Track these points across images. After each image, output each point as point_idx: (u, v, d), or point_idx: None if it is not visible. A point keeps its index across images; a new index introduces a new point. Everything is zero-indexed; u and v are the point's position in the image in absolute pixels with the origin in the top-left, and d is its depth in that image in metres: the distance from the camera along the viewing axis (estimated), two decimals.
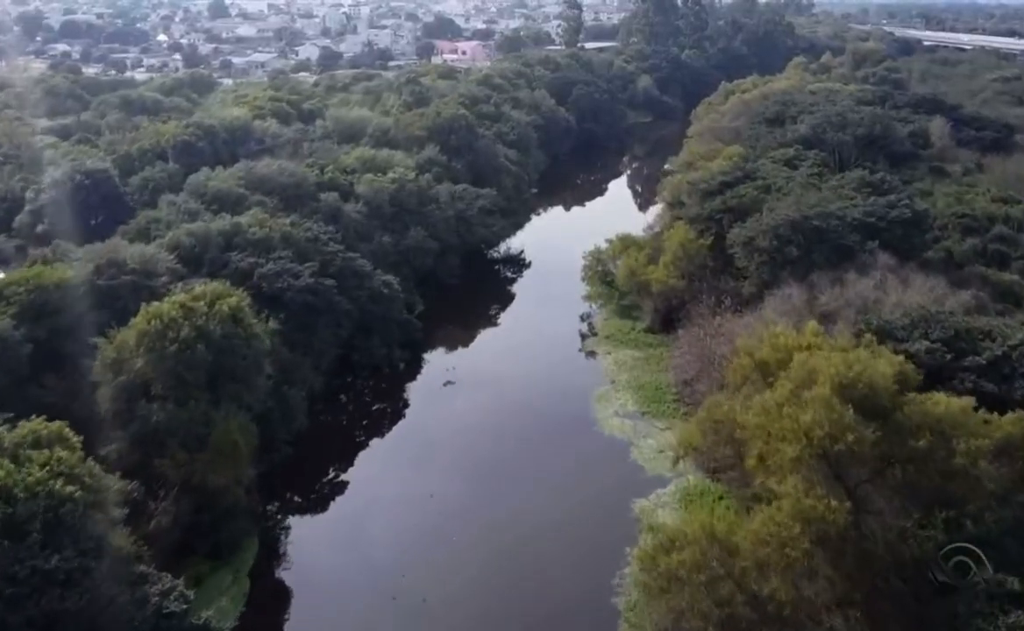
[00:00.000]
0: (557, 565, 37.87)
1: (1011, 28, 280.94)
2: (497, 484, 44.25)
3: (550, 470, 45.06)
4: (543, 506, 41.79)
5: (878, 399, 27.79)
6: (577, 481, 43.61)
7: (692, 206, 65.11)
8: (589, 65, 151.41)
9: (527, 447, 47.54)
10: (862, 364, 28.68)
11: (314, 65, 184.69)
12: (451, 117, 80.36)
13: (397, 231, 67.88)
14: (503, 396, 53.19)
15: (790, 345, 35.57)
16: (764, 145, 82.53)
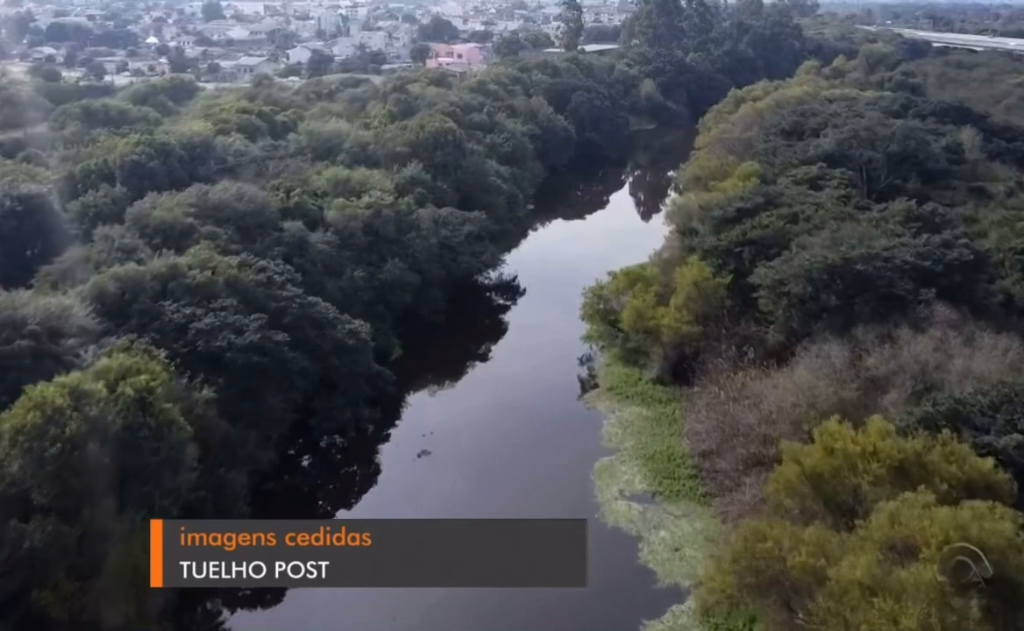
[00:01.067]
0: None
1: (1021, 29, 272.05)
2: (475, 603, 35.67)
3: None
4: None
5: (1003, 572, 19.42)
6: (575, 601, 35.12)
7: (706, 237, 56.60)
8: (589, 69, 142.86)
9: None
10: (976, 523, 20.26)
11: (304, 69, 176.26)
12: (437, 131, 71.89)
13: (372, 263, 59.46)
14: (487, 472, 44.66)
15: (850, 451, 27.17)
16: (783, 162, 74.10)
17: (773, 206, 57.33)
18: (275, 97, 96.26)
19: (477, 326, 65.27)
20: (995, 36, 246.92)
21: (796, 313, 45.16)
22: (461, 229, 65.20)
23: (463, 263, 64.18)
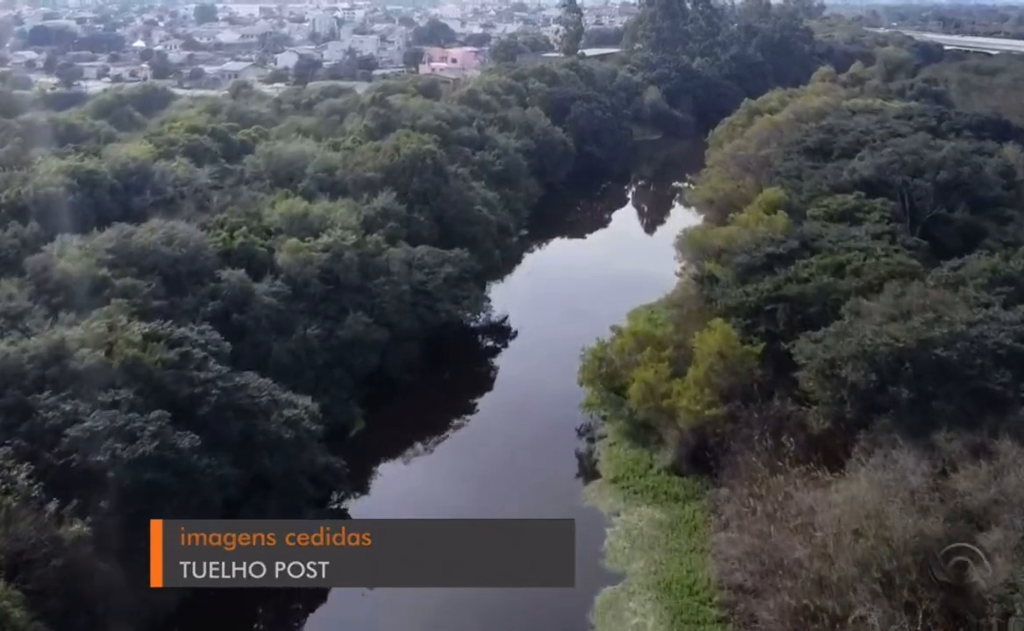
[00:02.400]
0: None
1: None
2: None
3: None
4: None
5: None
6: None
7: (730, 289, 46.35)
8: (590, 76, 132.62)
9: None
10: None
11: (290, 75, 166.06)
12: (414, 154, 61.77)
13: (331, 317, 49.39)
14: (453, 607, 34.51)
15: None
16: (811, 188, 63.99)
17: (809, 251, 47.20)
18: (241, 111, 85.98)
19: (458, 384, 55.14)
20: (1008, 39, 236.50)
21: (852, 401, 35.03)
22: (439, 271, 55.09)
23: (441, 311, 54.05)
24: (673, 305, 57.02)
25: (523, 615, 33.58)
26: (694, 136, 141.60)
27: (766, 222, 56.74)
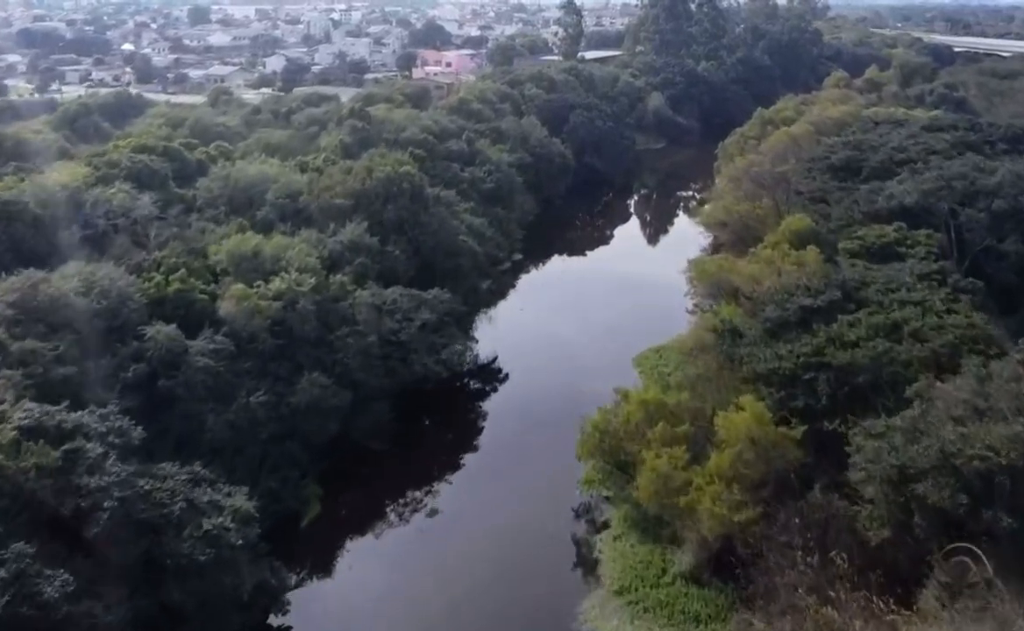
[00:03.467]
0: None
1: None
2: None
3: None
4: None
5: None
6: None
7: (757, 348, 38.07)
8: (590, 81, 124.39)
9: None
10: None
11: (278, 79, 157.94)
12: (388, 177, 53.60)
13: (282, 378, 41.33)
14: None
15: None
16: (842, 215, 55.87)
17: (854, 303, 39.01)
18: (205, 124, 77.67)
19: (435, 450, 47.00)
20: (1019, 40, 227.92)
21: (927, 520, 26.90)
22: (415, 318, 46.97)
23: (417, 365, 45.86)
24: (686, 354, 48.86)
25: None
26: (699, 144, 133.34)
27: (793, 258, 48.62)
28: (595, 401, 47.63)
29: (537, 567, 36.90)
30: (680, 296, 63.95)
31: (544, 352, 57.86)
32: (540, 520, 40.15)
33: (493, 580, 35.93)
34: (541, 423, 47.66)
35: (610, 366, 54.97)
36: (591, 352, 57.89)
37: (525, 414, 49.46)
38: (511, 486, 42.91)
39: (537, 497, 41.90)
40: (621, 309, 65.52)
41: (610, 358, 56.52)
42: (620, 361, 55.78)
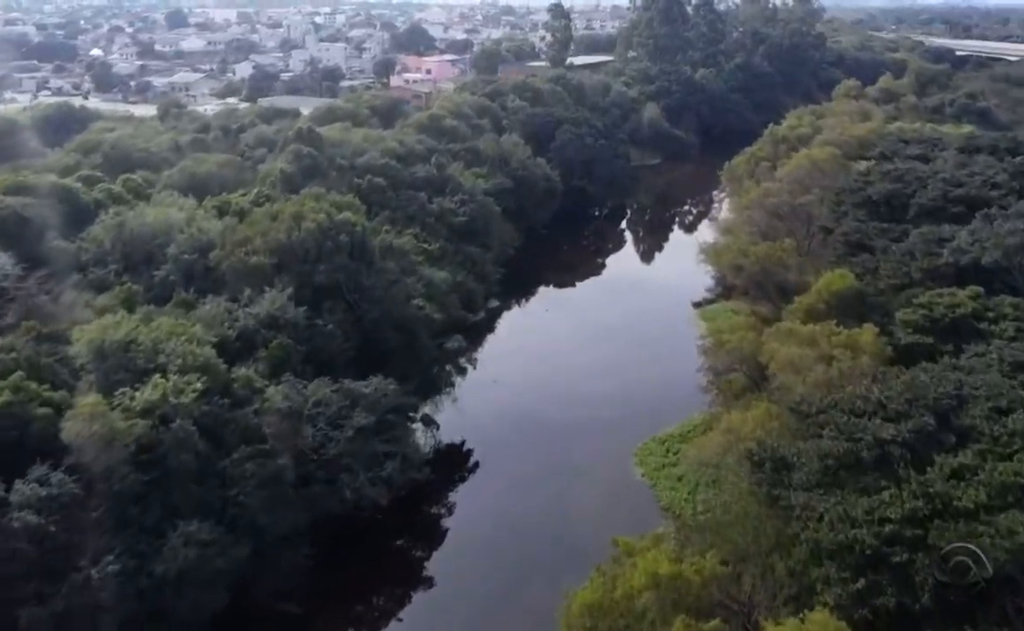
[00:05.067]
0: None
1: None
2: None
3: None
4: None
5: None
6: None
7: (818, 506, 26.12)
8: (579, 91, 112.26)
9: None
10: None
11: (245, 88, 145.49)
12: (321, 228, 41.48)
13: (147, 530, 29.24)
14: None
15: None
16: (894, 272, 44.11)
17: (952, 432, 27.13)
18: (125, 149, 65.17)
19: (369, 608, 35.06)
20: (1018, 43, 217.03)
21: None
22: (346, 423, 34.93)
23: (347, 490, 33.79)
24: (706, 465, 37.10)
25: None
26: (699, 159, 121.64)
27: (844, 339, 36.82)
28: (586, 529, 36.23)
29: None
30: (687, 351, 52.32)
31: (522, 442, 45.91)
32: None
33: None
34: (513, 565, 35.75)
35: (604, 465, 43.21)
36: (580, 439, 46.01)
37: (493, 549, 37.50)
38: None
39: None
40: (615, 371, 53.64)
41: (604, 449, 44.71)
42: (617, 453, 44.01)
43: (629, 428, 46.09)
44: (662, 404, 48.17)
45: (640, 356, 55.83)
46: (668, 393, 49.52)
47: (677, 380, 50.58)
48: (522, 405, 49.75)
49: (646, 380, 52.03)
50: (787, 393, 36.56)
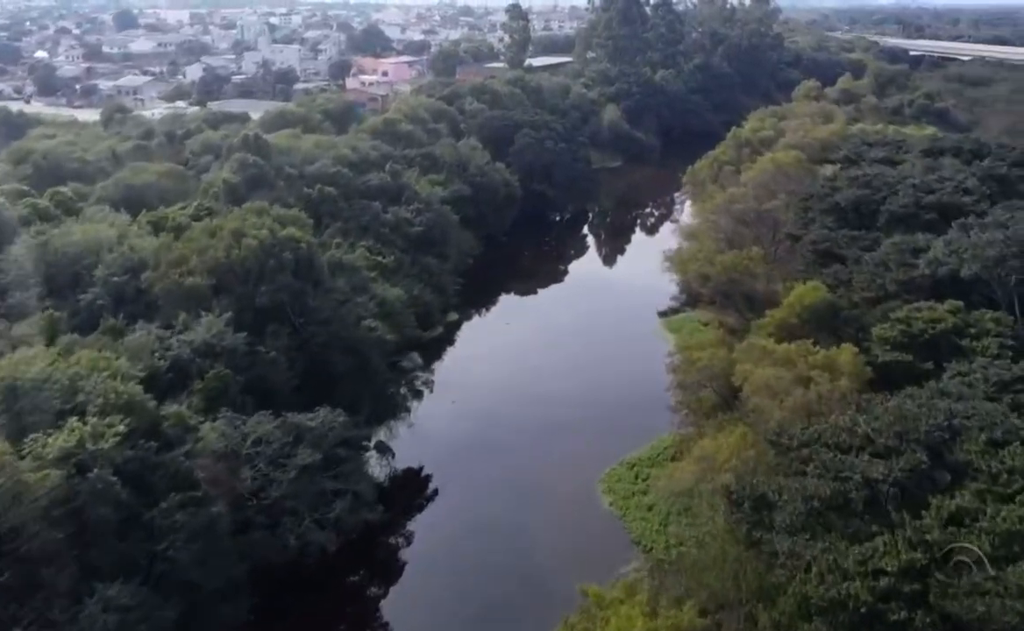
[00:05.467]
0: None
1: (997, 36, 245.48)
2: None
3: None
4: None
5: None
6: None
7: (806, 553, 23.78)
8: (539, 93, 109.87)
9: None
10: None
11: (195, 91, 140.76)
12: (263, 246, 38.35)
13: (61, 595, 25.94)
14: None
15: None
16: (868, 284, 42.20)
17: (946, 468, 24.99)
18: (58, 159, 61.16)
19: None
20: (973, 43, 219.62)
21: None
22: (289, 462, 31.90)
23: (290, 536, 30.80)
24: (678, 495, 34.74)
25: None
26: (659, 161, 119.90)
27: (822, 359, 34.66)
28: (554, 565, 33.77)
29: None
30: (654, 366, 50.07)
31: (483, 468, 43.19)
32: None
33: None
34: (477, 609, 33.02)
35: (570, 493, 40.63)
36: (544, 463, 43.41)
37: (454, 590, 34.66)
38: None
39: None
40: (580, 389, 51.10)
41: (569, 474, 42.12)
42: (584, 479, 41.45)
43: (596, 450, 43.59)
44: (630, 424, 45.75)
45: (606, 372, 53.36)
46: (636, 412, 47.10)
47: (645, 398, 48.21)
48: (483, 427, 47.01)
49: (612, 398, 49.58)
50: (762, 416, 34.43)
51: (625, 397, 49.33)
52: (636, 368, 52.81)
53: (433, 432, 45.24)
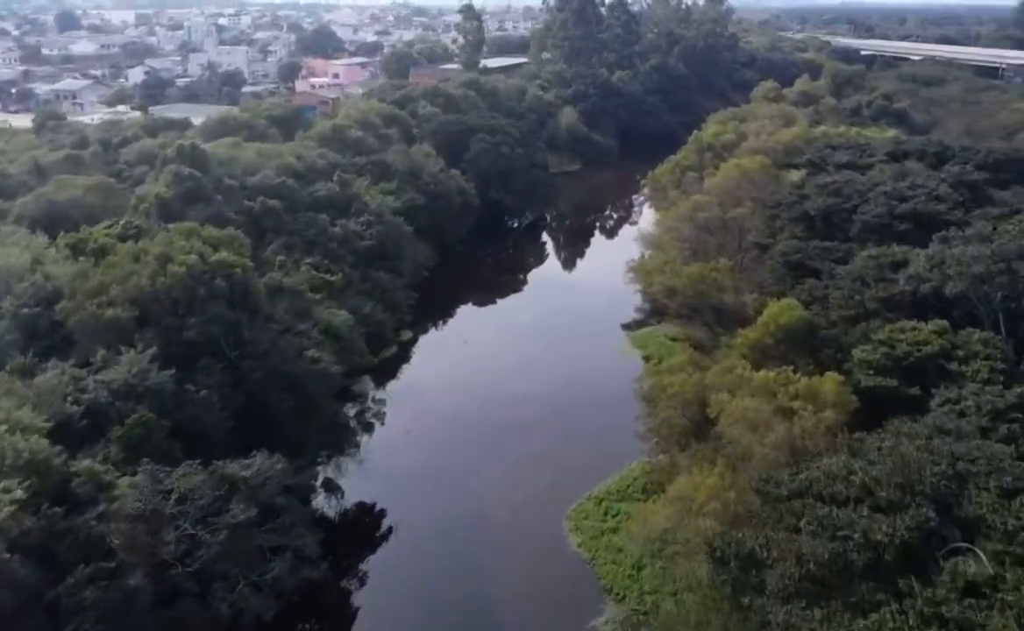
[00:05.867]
0: None
1: (945, 35, 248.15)
2: None
3: None
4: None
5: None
6: None
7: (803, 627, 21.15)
8: (494, 95, 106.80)
9: None
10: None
11: (136, 96, 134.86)
12: (192, 272, 34.57)
13: None
14: None
15: None
16: (844, 302, 39.74)
17: (956, 524, 22.37)
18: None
19: None
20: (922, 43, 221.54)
21: None
22: (219, 521, 28.27)
23: (221, 603, 27.21)
24: (652, 540, 31.81)
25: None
26: (618, 164, 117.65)
27: (804, 388, 32.00)
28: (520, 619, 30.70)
29: None
30: (619, 385, 47.56)
31: (440, 503, 39.90)
32: None
33: None
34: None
35: (535, 532, 37.55)
36: (506, 497, 40.28)
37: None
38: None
39: None
40: (543, 413, 48.04)
41: (533, 511, 39.04)
42: (549, 515, 38.40)
43: (561, 481, 40.60)
44: (597, 452, 42.83)
45: (570, 395, 50.32)
46: (603, 439, 44.16)
47: (612, 423, 45.33)
48: (440, 457, 43.70)
49: (578, 423, 46.63)
50: (740, 449, 31.72)
51: (591, 422, 46.41)
52: (602, 390, 49.95)
53: (386, 465, 41.79)
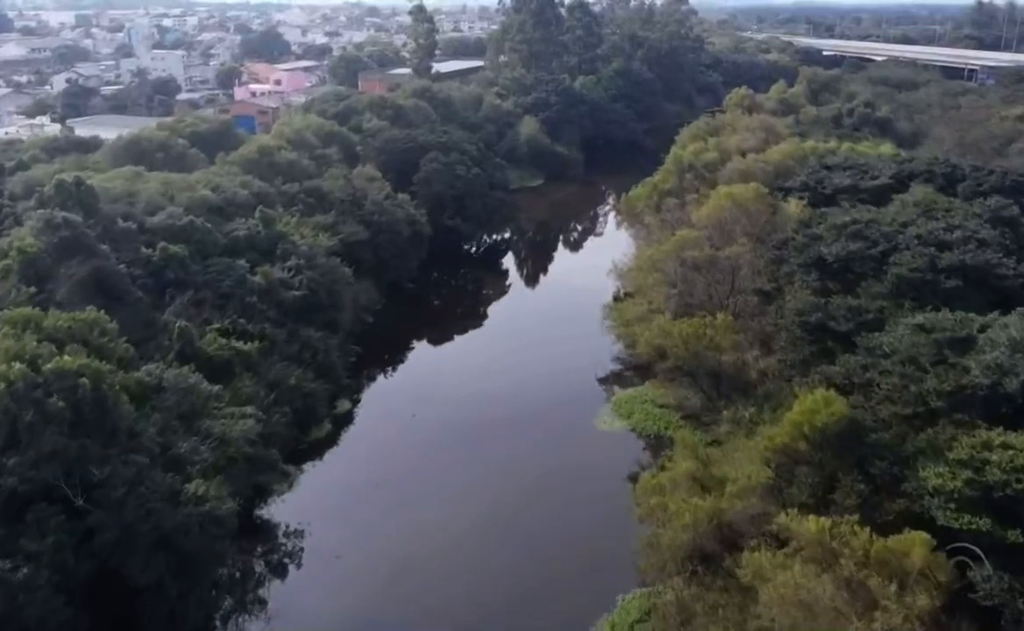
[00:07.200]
0: None
1: (905, 35, 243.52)
2: None
3: None
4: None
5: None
6: None
7: None
8: (448, 105, 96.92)
9: None
10: None
11: (58, 106, 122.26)
12: (9, 399, 24.23)
13: None
14: None
15: None
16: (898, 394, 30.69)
17: None
18: None
19: None
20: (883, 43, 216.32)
21: None
22: None
23: None
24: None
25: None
26: (583, 177, 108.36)
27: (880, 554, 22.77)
28: None
29: None
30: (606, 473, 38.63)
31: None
32: None
33: None
34: None
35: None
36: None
37: None
38: None
39: None
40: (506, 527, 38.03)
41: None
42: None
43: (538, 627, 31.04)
44: (580, 582, 33.29)
45: (544, 487, 40.50)
46: (589, 567, 34.38)
47: (599, 534, 35.98)
48: (381, 601, 33.42)
49: (553, 535, 36.82)
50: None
51: (573, 533, 36.69)
52: (583, 487, 40.19)
53: (309, 616, 31.71)
